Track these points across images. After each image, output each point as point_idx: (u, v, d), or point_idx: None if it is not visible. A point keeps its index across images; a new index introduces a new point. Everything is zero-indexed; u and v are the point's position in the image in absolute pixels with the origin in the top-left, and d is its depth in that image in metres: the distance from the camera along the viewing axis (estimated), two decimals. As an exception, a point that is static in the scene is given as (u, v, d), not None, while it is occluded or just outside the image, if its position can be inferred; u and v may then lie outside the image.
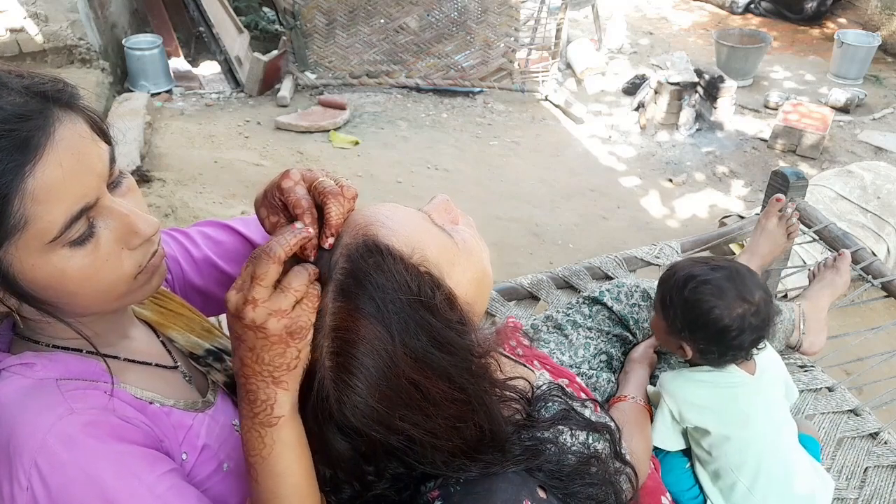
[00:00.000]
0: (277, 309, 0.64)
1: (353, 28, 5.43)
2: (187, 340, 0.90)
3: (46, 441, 0.64)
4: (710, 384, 1.28)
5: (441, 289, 0.70)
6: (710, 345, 1.25)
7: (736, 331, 1.21)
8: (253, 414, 0.67)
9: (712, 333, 1.23)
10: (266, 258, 0.66)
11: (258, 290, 0.65)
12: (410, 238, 0.71)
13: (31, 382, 0.69)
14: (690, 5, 7.61)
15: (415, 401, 0.68)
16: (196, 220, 3.56)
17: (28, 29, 4.53)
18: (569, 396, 0.86)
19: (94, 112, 0.69)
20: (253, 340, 0.65)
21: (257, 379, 0.66)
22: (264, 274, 0.65)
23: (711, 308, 1.21)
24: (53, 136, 0.62)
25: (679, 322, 1.25)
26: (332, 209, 0.71)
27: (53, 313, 0.69)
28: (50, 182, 0.62)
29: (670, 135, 5.19)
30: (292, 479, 0.69)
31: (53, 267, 0.65)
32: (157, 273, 0.75)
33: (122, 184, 0.71)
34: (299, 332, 0.66)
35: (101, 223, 0.68)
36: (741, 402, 1.27)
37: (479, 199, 4.28)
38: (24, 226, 0.61)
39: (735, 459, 1.25)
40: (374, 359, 0.67)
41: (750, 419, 1.25)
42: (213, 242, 1.00)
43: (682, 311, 1.25)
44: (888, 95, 5.68)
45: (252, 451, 0.69)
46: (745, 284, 1.23)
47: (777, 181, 1.86)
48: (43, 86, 0.65)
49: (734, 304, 1.21)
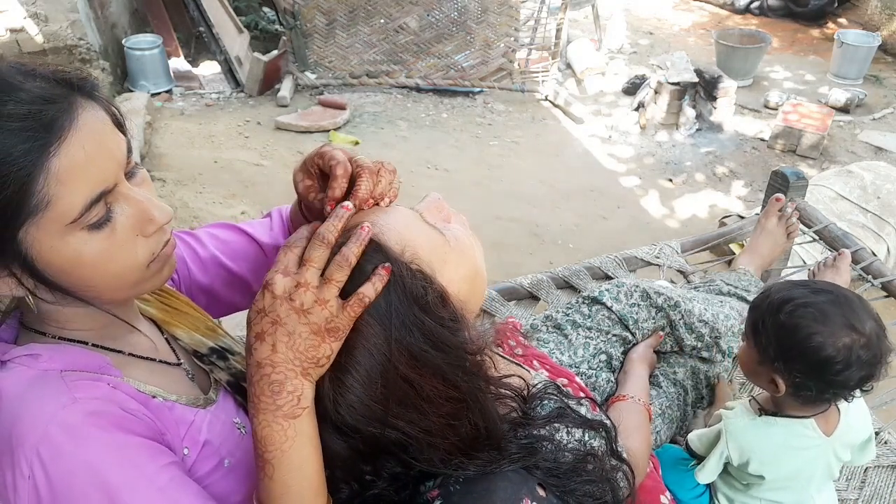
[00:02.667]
0: (322, 298, 0.65)
1: (353, 28, 5.43)
2: (191, 338, 0.90)
3: (49, 430, 0.65)
4: (783, 438, 1.17)
5: (433, 286, 0.70)
6: (807, 378, 1.10)
7: (841, 364, 1.06)
8: (276, 406, 0.67)
9: (812, 365, 1.08)
10: (319, 242, 0.67)
11: (311, 274, 0.66)
12: (402, 236, 0.71)
13: (35, 373, 0.70)
14: (690, 5, 7.61)
15: (409, 398, 0.69)
16: (196, 220, 3.57)
17: (28, 29, 4.53)
18: (564, 394, 0.87)
19: (113, 104, 0.71)
20: (295, 324, 0.65)
21: (286, 367, 0.66)
22: (318, 258, 0.67)
23: (812, 335, 1.07)
24: (77, 120, 0.65)
25: (773, 350, 1.11)
26: (363, 183, 0.75)
27: (70, 294, 0.70)
28: (73, 163, 0.63)
29: (670, 135, 5.19)
30: (307, 472, 0.69)
31: (71, 250, 0.66)
32: (168, 263, 0.77)
33: (136, 174, 0.73)
34: (336, 332, 0.66)
35: (118, 208, 0.69)
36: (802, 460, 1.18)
37: (479, 199, 4.28)
38: (47, 205, 0.63)
39: (769, 496, 1.22)
40: (368, 357, 0.67)
41: (801, 474, 1.19)
42: (220, 242, 1.01)
43: (776, 337, 1.11)
44: (888, 95, 5.68)
45: (271, 446, 0.68)
46: (854, 311, 1.08)
47: (777, 181, 1.86)
48: (68, 74, 0.67)
49: (840, 333, 1.06)
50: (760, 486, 1.21)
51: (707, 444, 1.25)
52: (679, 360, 1.48)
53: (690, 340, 1.44)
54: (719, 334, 1.43)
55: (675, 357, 1.49)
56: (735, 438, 1.19)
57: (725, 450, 1.20)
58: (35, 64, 0.67)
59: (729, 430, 1.20)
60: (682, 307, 1.42)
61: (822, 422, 1.18)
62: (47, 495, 0.64)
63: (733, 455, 1.19)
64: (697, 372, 1.49)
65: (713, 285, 1.64)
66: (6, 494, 0.65)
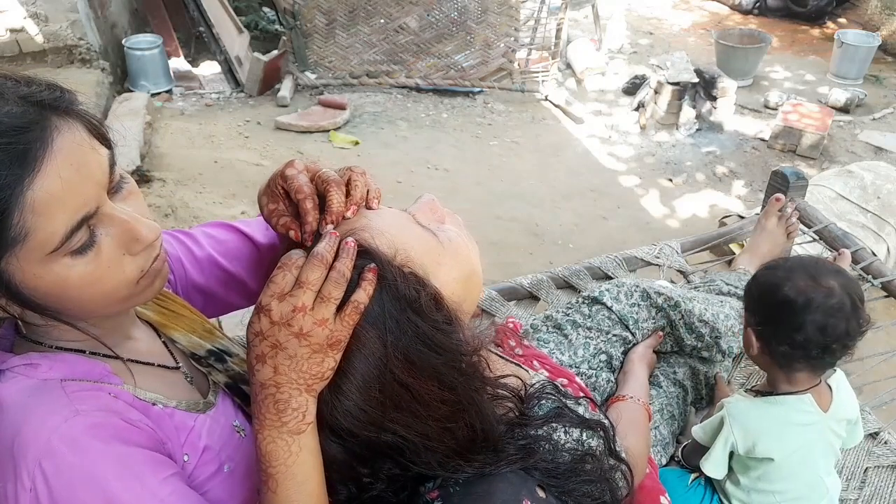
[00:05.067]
0: (321, 318, 0.65)
1: (353, 28, 5.43)
2: (189, 341, 0.90)
3: (51, 442, 0.64)
4: (785, 416, 1.21)
5: (426, 289, 0.70)
6: (775, 326, 1.18)
7: (801, 306, 1.14)
8: (282, 423, 0.67)
9: (774, 307, 1.17)
10: (318, 263, 0.66)
11: (308, 297, 0.65)
12: (394, 239, 0.71)
13: (34, 383, 0.69)
14: (690, 5, 7.61)
15: (405, 402, 0.68)
16: (196, 220, 3.57)
17: (28, 29, 4.53)
18: (562, 394, 0.87)
19: (92, 117, 0.68)
20: (296, 348, 0.65)
21: (291, 387, 0.66)
22: (316, 280, 0.65)
23: (775, 283, 1.18)
24: (52, 146, 0.62)
25: (749, 308, 1.25)
26: (333, 197, 0.72)
27: (57, 317, 0.69)
28: (49, 194, 0.61)
29: (670, 135, 5.19)
30: (310, 487, 0.69)
31: (55, 276, 0.65)
32: (160, 276, 0.75)
33: (122, 188, 0.71)
34: (338, 344, 0.66)
35: (101, 231, 0.67)
36: (806, 437, 1.22)
37: (479, 199, 4.28)
38: (25, 238, 0.61)
39: (778, 486, 1.22)
40: (363, 362, 0.67)
41: (807, 453, 1.22)
42: (217, 241, 1.00)
43: (749, 294, 1.25)
44: (888, 95, 5.68)
45: (275, 461, 0.68)
46: (818, 269, 1.18)
47: (777, 181, 1.86)
48: (40, 94, 0.64)
49: (799, 281, 1.16)
50: (772, 477, 1.22)
51: (711, 433, 1.27)
52: (679, 360, 1.49)
53: (690, 340, 1.44)
54: (719, 334, 1.44)
55: (675, 357, 1.49)
56: (738, 421, 1.21)
57: (731, 435, 1.21)
58: (4, 80, 0.63)
59: (731, 414, 1.23)
60: (682, 307, 1.42)
61: (817, 398, 1.23)
62: None
63: (738, 439, 1.21)
64: (697, 372, 1.49)
65: (713, 285, 1.64)
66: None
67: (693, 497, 1.30)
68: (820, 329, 1.15)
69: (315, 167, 0.77)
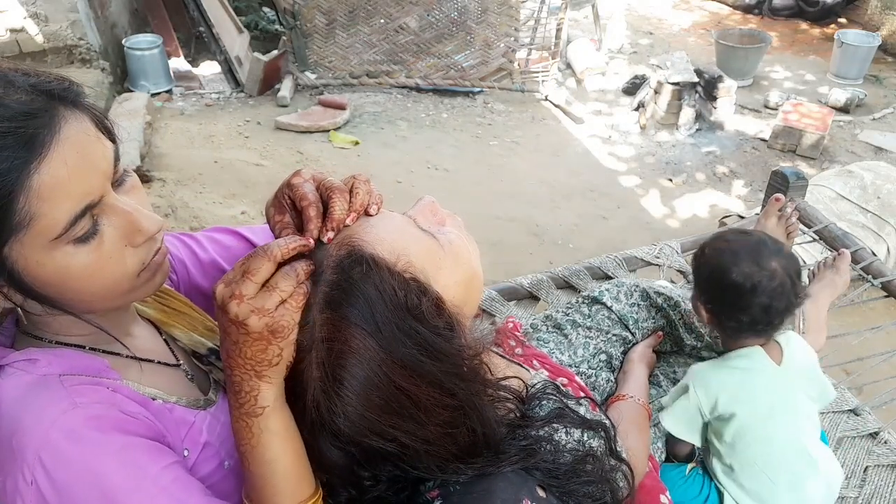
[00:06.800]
0: (261, 307, 0.64)
1: (353, 28, 5.43)
2: (190, 339, 0.90)
3: (50, 435, 0.64)
4: (741, 370, 1.29)
5: (427, 294, 0.70)
6: (722, 304, 1.27)
7: (749, 290, 1.22)
8: (239, 404, 0.68)
9: (723, 289, 1.25)
10: (262, 255, 0.66)
11: (247, 286, 0.65)
12: (395, 245, 0.71)
13: (34, 378, 0.69)
14: (690, 5, 7.61)
15: (406, 409, 0.68)
16: (196, 220, 3.56)
17: (28, 29, 4.53)
18: (563, 394, 0.86)
19: (98, 110, 0.69)
20: (236, 335, 0.65)
21: (241, 371, 0.67)
22: (256, 270, 0.65)
23: (722, 268, 1.24)
24: (59, 134, 0.63)
25: (699, 285, 1.31)
26: (335, 204, 0.72)
27: (59, 306, 0.70)
28: (55, 180, 0.62)
29: (670, 134, 5.19)
30: (282, 466, 0.70)
31: (57, 264, 0.66)
32: (160, 270, 0.76)
33: (125, 181, 0.72)
34: (281, 332, 0.65)
35: (104, 221, 0.68)
36: (764, 390, 1.27)
37: (479, 199, 4.28)
38: (29, 223, 0.62)
39: (756, 450, 1.25)
40: (363, 369, 0.67)
41: (772, 410, 1.26)
42: (221, 247, 1.01)
43: (698, 272, 1.32)
44: (888, 95, 5.68)
45: (241, 441, 0.70)
46: (760, 253, 1.25)
47: (777, 181, 1.86)
48: (49, 84, 0.65)
49: (744, 266, 1.23)
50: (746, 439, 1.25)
51: (675, 396, 1.34)
52: (679, 360, 1.49)
53: (690, 340, 1.44)
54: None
55: (675, 357, 1.49)
56: (699, 381, 1.29)
57: (695, 397, 1.27)
58: (14, 72, 0.65)
59: (693, 374, 1.31)
60: (682, 307, 1.42)
61: (768, 352, 1.29)
62: (53, 500, 0.64)
63: (702, 400, 1.27)
64: (697, 372, 1.49)
65: (713, 285, 1.64)
66: (6, 501, 0.65)
67: (691, 488, 1.31)
68: (764, 309, 1.24)
69: (321, 175, 0.77)
